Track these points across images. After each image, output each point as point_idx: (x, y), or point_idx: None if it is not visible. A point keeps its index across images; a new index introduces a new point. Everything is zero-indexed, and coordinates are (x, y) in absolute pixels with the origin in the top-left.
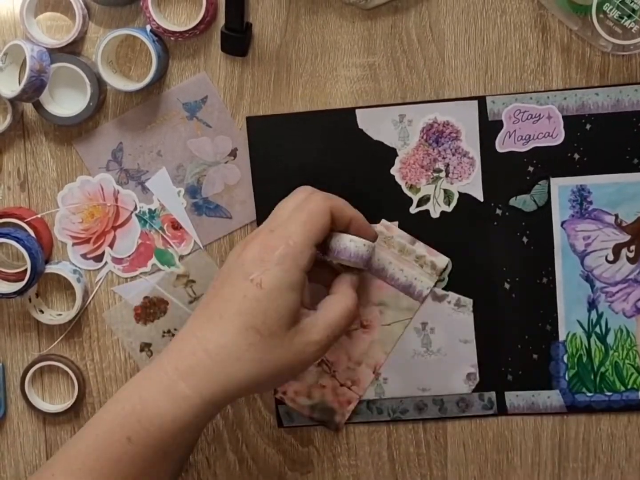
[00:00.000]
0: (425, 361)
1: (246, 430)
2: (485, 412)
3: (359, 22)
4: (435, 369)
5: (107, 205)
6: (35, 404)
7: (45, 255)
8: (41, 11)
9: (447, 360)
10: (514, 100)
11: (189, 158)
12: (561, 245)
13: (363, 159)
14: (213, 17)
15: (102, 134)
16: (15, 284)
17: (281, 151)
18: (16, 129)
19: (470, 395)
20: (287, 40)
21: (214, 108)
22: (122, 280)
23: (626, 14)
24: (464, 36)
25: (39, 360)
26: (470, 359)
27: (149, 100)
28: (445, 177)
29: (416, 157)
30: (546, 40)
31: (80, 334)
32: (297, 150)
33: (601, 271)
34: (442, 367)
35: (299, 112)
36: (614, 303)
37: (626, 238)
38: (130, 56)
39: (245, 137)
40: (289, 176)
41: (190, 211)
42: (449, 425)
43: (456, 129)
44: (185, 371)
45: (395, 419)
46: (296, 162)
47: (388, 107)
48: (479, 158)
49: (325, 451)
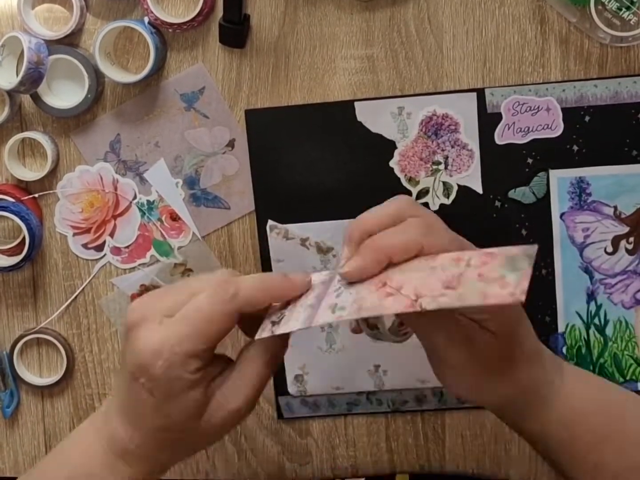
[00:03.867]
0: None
1: (244, 421)
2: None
3: (357, 14)
4: None
5: (106, 193)
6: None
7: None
8: (39, 3)
9: None
10: (513, 92)
11: (187, 149)
12: (560, 237)
13: (362, 152)
14: (211, 8)
15: (99, 125)
16: (11, 258)
17: (280, 144)
18: (14, 121)
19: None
20: (285, 32)
21: (211, 99)
22: (120, 272)
23: (624, 6)
24: (463, 28)
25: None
26: None
27: (147, 92)
28: (444, 169)
29: (415, 149)
30: (544, 32)
31: (79, 325)
32: (295, 142)
33: (600, 263)
34: None
35: (297, 104)
36: (613, 294)
37: (625, 230)
38: (128, 48)
39: (243, 128)
40: (288, 168)
41: (188, 202)
42: (447, 417)
43: (455, 121)
44: (122, 454)
45: (395, 410)
46: (295, 155)
47: (387, 99)
48: (478, 150)
49: (323, 442)
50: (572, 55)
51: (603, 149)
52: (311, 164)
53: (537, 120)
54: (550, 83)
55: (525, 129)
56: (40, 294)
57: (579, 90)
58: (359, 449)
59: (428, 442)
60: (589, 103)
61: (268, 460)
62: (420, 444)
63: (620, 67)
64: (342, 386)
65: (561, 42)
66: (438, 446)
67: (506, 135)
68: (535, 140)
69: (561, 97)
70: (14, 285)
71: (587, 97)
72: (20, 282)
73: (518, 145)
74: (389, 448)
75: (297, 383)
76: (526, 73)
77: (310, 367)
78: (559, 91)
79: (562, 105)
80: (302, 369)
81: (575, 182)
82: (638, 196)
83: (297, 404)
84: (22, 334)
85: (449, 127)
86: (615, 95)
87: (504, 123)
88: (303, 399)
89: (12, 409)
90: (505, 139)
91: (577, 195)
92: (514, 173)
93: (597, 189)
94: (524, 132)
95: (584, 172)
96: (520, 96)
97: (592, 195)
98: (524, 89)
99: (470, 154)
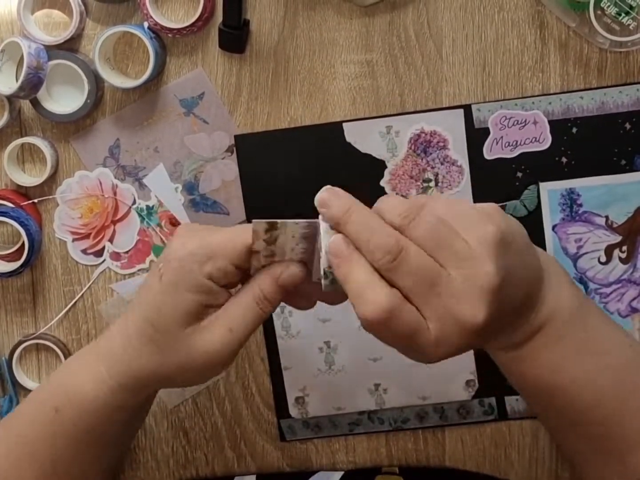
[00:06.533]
0: (424, 370)
1: (244, 427)
2: (486, 417)
3: (356, 18)
4: (434, 377)
5: (106, 198)
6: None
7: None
8: (38, 8)
9: (446, 368)
10: (500, 107)
11: (186, 154)
12: (553, 248)
13: (352, 173)
14: (211, 13)
15: (99, 130)
16: (10, 263)
17: (271, 168)
18: (13, 126)
19: (471, 402)
20: (285, 37)
21: (210, 104)
22: (120, 277)
23: (624, 11)
24: (462, 33)
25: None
26: (469, 365)
27: (146, 97)
28: (435, 186)
29: (405, 167)
30: (544, 37)
31: (78, 331)
32: (286, 166)
33: (594, 273)
34: (442, 375)
35: (286, 128)
36: (608, 304)
37: (618, 239)
38: (127, 53)
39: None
40: (279, 192)
41: (187, 207)
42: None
43: (443, 138)
44: (104, 355)
45: (397, 429)
46: (286, 178)
47: (375, 119)
48: (468, 166)
49: (323, 447)
50: (571, 60)
51: (592, 160)
52: (302, 187)
53: (525, 134)
54: (536, 96)
55: (514, 143)
56: (39, 300)
57: (565, 102)
58: (358, 454)
59: (428, 447)
60: (576, 114)
61: (267, 465)
62: (420, 449)
63: (619, 72)
64: (343, 406)
65: (560, 47)
66: (438, 451)
67: (495, 150)
68: (524, 153)
69: (547, 110)
70: (13, 290)
71: (574, 109)
72: (20, 288)
73: (507, 159)
74: (389, 453)
75: (298, 405)
76: (525, 78)
77: (310, 388)
78: (545, 104)
79: (548, 118)
80: (303, 390)
81: (565, 193)
82: (629, 205)
83: (299, 426)
84: (21, 339)
85: (437, 144)
86: (601, 106)
87: (492, 138)
88: (305, 421)
89: None
90: (494, 153)
91: (568, 207)
92: (505, 187)
93: (588, 200)
94: (512, 146)
95: (574, 184)
96: (506, 110)
97: (583, 206)
98: (510, 103)
99: (460, 170)
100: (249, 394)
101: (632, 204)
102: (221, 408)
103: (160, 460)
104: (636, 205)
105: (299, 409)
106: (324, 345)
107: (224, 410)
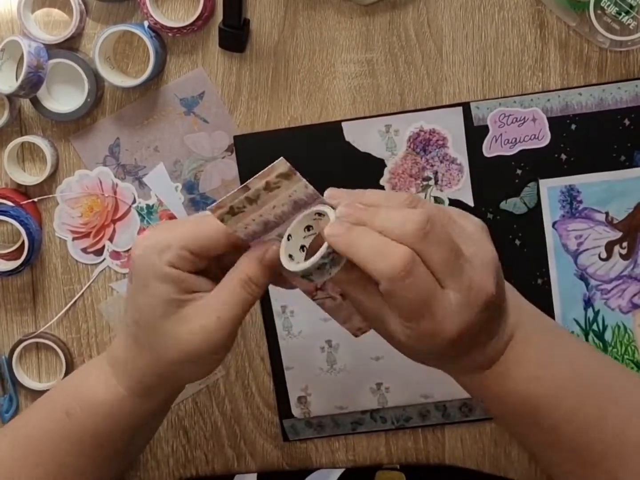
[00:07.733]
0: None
1: (244, 425)
2: (488, 415)
3: (356, 18)
4: (436, 375)
5: (106, 197)
6: (24, 382)
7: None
8: (38, 7)
9: None
10: (498, 104)
11: (186, 153)
12: (554, 245)
13: (352, 172)
14: (211, 13)
15: (99, 129)
16: (10, 262)
17: None
18: (13, 125)
19: (473, 400)
20: (285, 36)
21: (211, 103)
22: (120, 276)
23: (624, 10)
24: (462, 32)
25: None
26: None
27: (147, 96)
28: (434, 184)
29: (405, 166)
30: (544, 36)
31: (78, 330)
32: None
33: (595, 269)
34: (443, 373)
35: (285, 128)
36: (609, 300)
37: (618, 235)
38: (127, 52)
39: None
40: None
41: (187, 207)
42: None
43: (443, 136)
44: (111, 362)
45: (399, 427)
46: None
47: (373, 118)
48: (467, 164)
49: (323, 446)
50: (571, 59)
51: (591, 156)
52: None
53: (524, 131)
54: (535, 93)
55: (513, 141)
56: (39, 299)
57: (564, 99)
58: (358, 453)
59: (428, 445)
60: (575, 111)
61: (267, 464)
62: (420, 447)
63: (619, 72)
64: (345, 405)
65: (561, 47)
66: (438, 449)
67: (494, 148)
68: (523, 151)
69: (546, 107)
70: (13, 289)
71: (572, 106)
72: (20, 287)
73: (506, 156)
74: (389, 452)
75: (301, 405)
76: (525, 77)
77: (312, 388)
78: (544, 101)
79: (547, 115)
80: (305, 390)
81: (565, 190)
82: (629, 201)
83: (302, 425)
84: (21, 338)
85: (437, 142)
86: (600, 102)
87: (491, 135)
88: (307, 420)
89: (10, 414)
90: (493, 151)
91: (568, 204)
92: (504, 185)
93: (588, 196)
94: (511, 143)
95: (574, 180)
96: (505, 108)
97: (583, 203)
98: (509, 100)
99: (459, 168)
100: (248, 393)
101: (632, 200)
102: (221, 407)
103: (160, 459)
104: (636, 201)
105: (301, 408)
106: (325, 344)
107: (224, 409)
